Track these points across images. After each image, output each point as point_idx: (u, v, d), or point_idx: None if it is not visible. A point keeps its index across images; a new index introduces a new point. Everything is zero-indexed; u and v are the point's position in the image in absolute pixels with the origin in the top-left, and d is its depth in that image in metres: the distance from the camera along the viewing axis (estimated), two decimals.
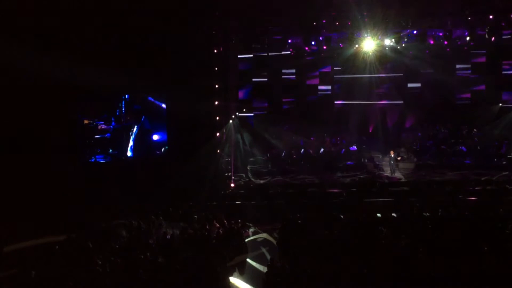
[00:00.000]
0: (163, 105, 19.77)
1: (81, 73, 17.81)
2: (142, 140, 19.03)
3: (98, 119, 18.57)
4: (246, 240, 15.08)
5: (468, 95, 25.89)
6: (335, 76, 26.49)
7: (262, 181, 21.73)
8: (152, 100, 19.78)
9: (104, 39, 19.16)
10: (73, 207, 17.58)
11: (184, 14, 19.44)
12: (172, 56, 19.80)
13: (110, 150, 18.33)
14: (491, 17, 21.46)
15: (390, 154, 22.13)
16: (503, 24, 21.82)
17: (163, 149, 19.64)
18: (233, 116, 23.83)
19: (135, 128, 19.31)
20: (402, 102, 26.24)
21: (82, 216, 16.51)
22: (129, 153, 18.65)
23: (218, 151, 22.04)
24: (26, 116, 18.06)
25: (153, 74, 19.57)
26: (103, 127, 18.63)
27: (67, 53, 17.92)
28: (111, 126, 18.72)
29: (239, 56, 24.61)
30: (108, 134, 18.67)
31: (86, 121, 18.24)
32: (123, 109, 19.17)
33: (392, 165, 21.98)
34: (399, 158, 22.21)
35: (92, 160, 18.06)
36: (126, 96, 19.39)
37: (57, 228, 15.75)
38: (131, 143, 18.90)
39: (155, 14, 19.14)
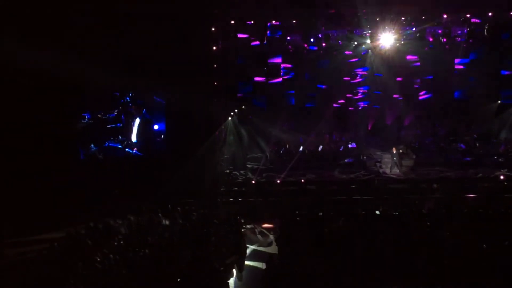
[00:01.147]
0: (159, 100, 21.54)
1: (84, 72, 17.90)
2: (144, 129, 21.21)
3: (111, 113, 20.96)
4: (245, 237, 15.12)
5: (467, 93, 25.90)
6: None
7: (261, 179, 21.72)
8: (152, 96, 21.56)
9: (104, 39, 19.15)
10: (72, 205, 17.59)
11: (183, 12, 19.39)
12: (171, 53, 19.76)
13: (120, 137, 20.74)
14: (490, 14, 21.47)
15: (392, 150, 22.12)
16: (502, 22, 21.82)
17: (162, 136, 21.37)
18: (232, 113, 23.82)
19: (138, 119, 21.17)
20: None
21: (81, 214, 16.50)
22: (134, 139, 21.06)
23: (217, 148, 22.03)
24: (28, 114, 18.07)
25: (152, 72, 19.55)
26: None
27: (70, 54, 17.91)
28: (122, 117, 21.04)
29: (238, 53, 24.59)
30: (119, 124, 20.93)
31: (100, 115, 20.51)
32: (130, 104, 21.27)
33: (393, 162, 21.99)
34: (401, 151, 22.16)
35: (106, 145, 20.54)
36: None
37: (56, 226, 15.79)
38: (135, 131, 21.23)
39: (154, 13, 19.12)
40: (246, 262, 13.74)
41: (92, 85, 18.99)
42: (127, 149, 21.10)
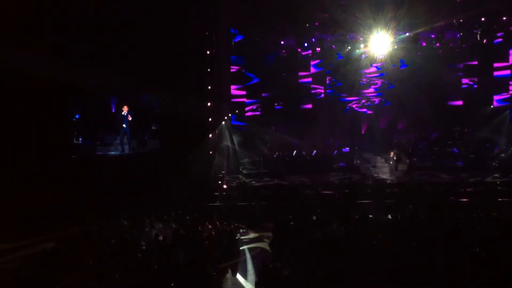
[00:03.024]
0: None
1: (80, 74, 17.93)
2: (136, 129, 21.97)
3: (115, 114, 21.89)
4: (238, 242, 15.08)
5: (460, 97, 26.01)
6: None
7: (254, 183, 21.69)
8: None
9: (96, 41, 19.13)
10: (64, 208, 17.49)
11: (176, 15, 19.40)
12: (165, 57, 19.76)
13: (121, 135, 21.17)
14: (483, 19, 21.58)
15: (390, 155, 22.17)
16: (495, 26, 21.95)
17: (146, 136, 22.57)
18: (225, 118, 23.81)
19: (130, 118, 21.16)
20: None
21: (73, 217, 16.41)
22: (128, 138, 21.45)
23: (211, 152, 21.99)
24: (22, 116, 18.04)
25: (146, 75, 19.53)
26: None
27: (63, 55, 17.90)
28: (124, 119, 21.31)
29: (231, 57, 24.60)
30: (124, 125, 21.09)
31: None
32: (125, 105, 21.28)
33: (390, 166, 22.05)
34: (394, 155, 22.21)
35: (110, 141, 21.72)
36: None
37: (48, 229, 15.70)
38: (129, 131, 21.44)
39: (148, 16, 19.11)
40: (239, 267, 13.69)
41: (90, 87, 19.06)
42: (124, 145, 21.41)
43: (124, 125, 20.80)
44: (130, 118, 20.73)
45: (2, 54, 16.22)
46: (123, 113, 20.72)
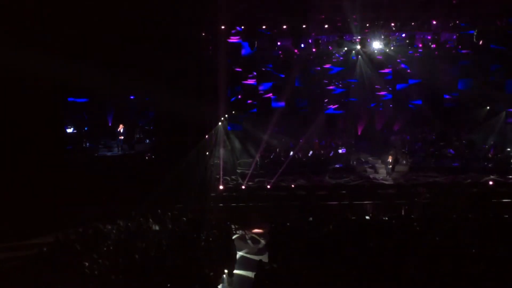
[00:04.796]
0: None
1: (76, 74, 17.97)
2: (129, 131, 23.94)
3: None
4: (235, 242, 15.09)
5: (456, 98, 26.04)
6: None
7: (251, 184, 21.68)
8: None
9: (93, 41, 19.14)
10: (61, 209, 17.48)
11: (173, 17, 19.40)
12: (161, 58, 19.75)
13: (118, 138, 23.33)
14: (479, 21, 21.63)
15: (388, 158, 22.23)
16: (491, 29, 22.00)
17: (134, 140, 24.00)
18: (222, 118, 23.81)
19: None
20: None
21: (71, 218, 16.40)
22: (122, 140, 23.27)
23: (207, 153, 21.99)
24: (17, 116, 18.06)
25: (143, 76, 19.52)
26: None
27: (60, 55, 17.92)
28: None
29: (228, 58, 24.57)
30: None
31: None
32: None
33: (388, 168, 22.11)
34: (391, 156, 22.24)
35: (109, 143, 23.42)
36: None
37: (45, 230, 15.67)
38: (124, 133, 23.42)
39: (145, 17, 19.11)
40: (236, 268, 13.70)
41: (89, 88, 19.23)
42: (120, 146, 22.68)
43: (121, 137, 22.73)
44: (122, 131, 22.85)
45: (4, 55, 16.25)
46: (119, 129, 22.80)
